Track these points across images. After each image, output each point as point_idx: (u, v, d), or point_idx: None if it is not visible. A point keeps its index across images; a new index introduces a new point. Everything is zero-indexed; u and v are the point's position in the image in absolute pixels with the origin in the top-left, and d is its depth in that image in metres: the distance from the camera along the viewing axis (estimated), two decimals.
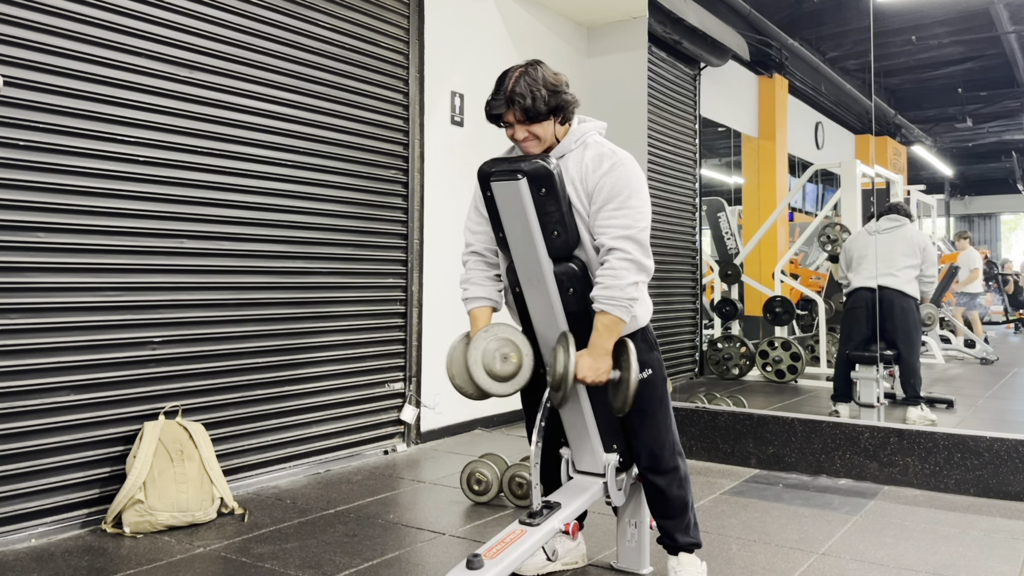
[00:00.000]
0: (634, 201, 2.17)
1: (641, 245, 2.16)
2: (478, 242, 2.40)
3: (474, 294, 2.38)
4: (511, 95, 2.15)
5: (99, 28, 3.04)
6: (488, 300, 2.38)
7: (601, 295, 2.15)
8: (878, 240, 4.57)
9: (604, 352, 2.18)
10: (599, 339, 2.17)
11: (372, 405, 4.22)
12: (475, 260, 2.42)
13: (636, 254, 2.14)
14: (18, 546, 2.79)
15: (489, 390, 2.25)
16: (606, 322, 2.16)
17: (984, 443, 3.47)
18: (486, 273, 2.40)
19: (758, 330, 6.34)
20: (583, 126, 2.29)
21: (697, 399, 4.66)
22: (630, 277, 2.14)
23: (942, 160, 7.38)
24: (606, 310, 2.15)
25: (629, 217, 2.15)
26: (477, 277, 2.40)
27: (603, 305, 2.15)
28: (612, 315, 2.15)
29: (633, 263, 2.14)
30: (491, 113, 2.21)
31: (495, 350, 2.24)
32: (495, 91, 2.19)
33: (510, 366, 2.25)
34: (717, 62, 6.26)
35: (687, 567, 2.40)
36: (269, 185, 3.67)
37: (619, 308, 2.15)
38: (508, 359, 2.25)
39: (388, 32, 4.32)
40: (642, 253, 2.16)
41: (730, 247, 6.85)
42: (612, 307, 2.14)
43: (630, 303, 2.15)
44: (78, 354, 3.00)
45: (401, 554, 2.74)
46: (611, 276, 2.14)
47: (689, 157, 6.26)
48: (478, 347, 2.24)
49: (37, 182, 2.88)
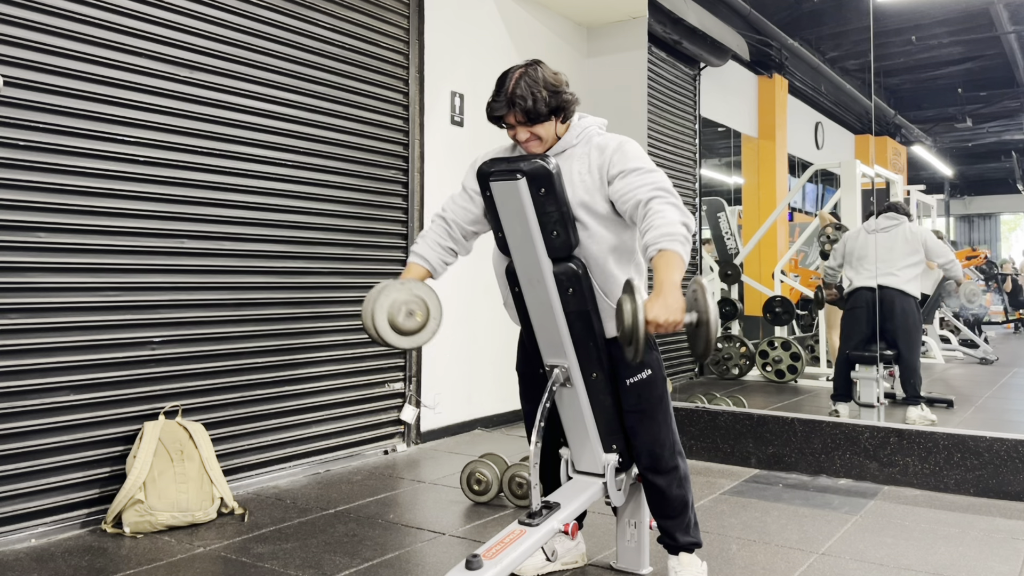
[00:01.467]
0: (654, 171, 2.17)
1: (677, 199, 2.11)
2: (451, 212, 2.42)
3: (418, 250, 2.39)
4: (512, 97, 2.15)
5: (99, 28, 3.04)
6: (426, 262, 2.38)
7: (655, 235, 2.02)
8: (878, 239, 4.57)
9: (675, 288, 1.95)
10: (667, 275, 1.96)
11: (372, 405, 4.22)
12: (439, 224, 2.43)
13: (677, 200, 2.11)
14: (18, 546, 2.79)
15: (386, 339, 2.21)
16: (669, 259, 1.98)
17: (984, 443, 3.47)
18: (441, 240, 2.40)
19: (758, 330, 6.34)
20: (583, 122, 2.30)
21: (697, 399, 4.66)
22: (679, 216, 2.06)
23: (942, 160, 7.38)
24: (664, 247, 1.99)
25: (655, 178, 2.15)
26: (431, 238, 2.41)
27: (661, 243, 2.00)
28: (672, 250, 1.99)
29: (675, 206, 2.08)
30: (492, 115, 2.21)
31: (403, 302, 2.21)
32: (495, 93, 2.19)
33: (412, 322, 2.22)
34: (717, 62, 6.26)
35: (687, 567, 2.40)
36: (269, 185, 3.67)
37: (678, 243, 2.00)
38: (413, 315, 2.22)
39: (388, 32, 4.32)
40: (681, 205, 2.11)
41: (730, 247, 6.85)
42: (671, 242, 2.00)
43: (686, 238, 2.02)
44: (78, 354, 3.00)
45: (401, 554, 2.74)
46: (659, 216, 2.04)
47: (689, 157, 6.26)
48: (388, 295, 2.21)
49: (37, 182, 2.88)
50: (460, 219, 2.40)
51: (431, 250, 2.39)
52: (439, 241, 2.41)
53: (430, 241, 2.40)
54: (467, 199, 2.40)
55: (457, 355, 4.71)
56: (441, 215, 2.43)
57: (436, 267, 2.40)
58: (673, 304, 1.92)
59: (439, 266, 2.40)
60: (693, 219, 2.13)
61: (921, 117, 7.00)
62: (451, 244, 2.42)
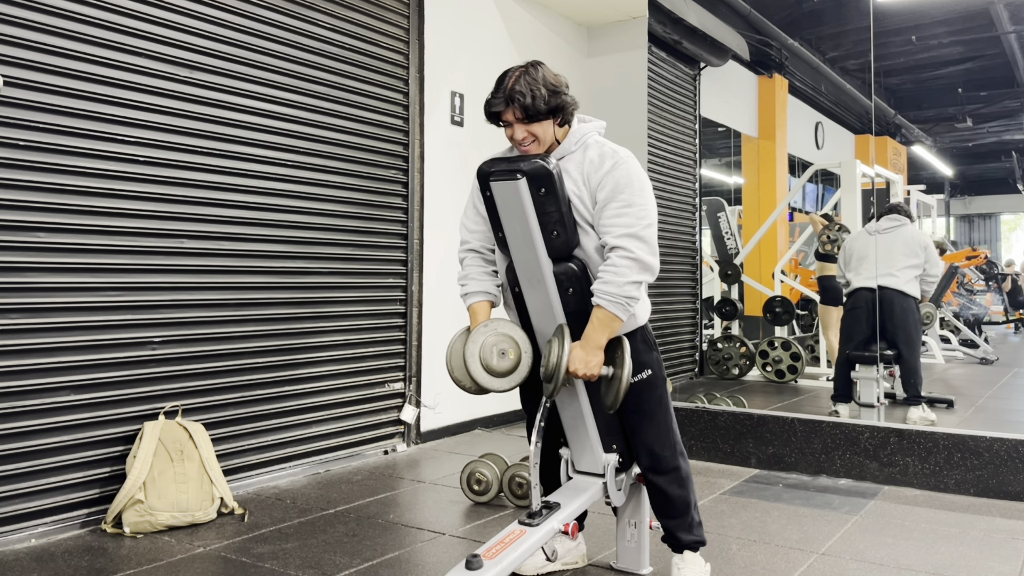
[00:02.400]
0: (638, 199, 2.17)
1: (646, 242, 2.15)
2: (475, 240, 2.40)
3: (473, 288, 2.38)
4: (511, 93, 2.15)
5: (99, 28, 3.04)
6: (487, 295, 2.38)
7: (599, 289, 2.15)
8: (878, 240, 4.57)
9: (596, 346, 2.17)
10: (593, 333, 2.17)
11: (372, 405, 4.22)
12: (472, 256, 2.42)
13: (639, 252, 2.14)
14: (18, 546, 2.79)
15: (486, 385, 2.24)
16: (601, 317, 2.16)
17: (984, 443, 3.47)
18: (484, 269, 2.40)
19: (758, 330, 6.34)
20: (583, 127, 2.29)
21: (697, 399, 4.66)
22: (631, 276, 2.13)
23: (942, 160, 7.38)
24: (602, 305, 2.15)
25: (632, 215, 2.15)
26: (475, 273, 2.39)
27: (600, 300, 2.15)
28: (608, 311, 2.15)
29: (636, 262, 2.14)
30: (490, 111, 2.21)
31: (493, 345, 2.23)
32: (495, 90, 2.20)
33: (507, 362, 2.24)
34: (717, 62, 6.26)
35: (690, 565, 2.40)
36: (269, 185, 3.67)
37: (616, 305, 2.14)
38: (506, 354, 2.24)
39: (388, 32, 4.32)
40: (647, 251, 2.15)
41: (730, 247, 6.85)
42: (608, 303, 2.14)
43: (628, 301, 2.15)
44: (78, 354, 3.00)
45: (401, 554, 2.74)
46: (612, 272, 2.14)
47: (689, 157, 6.26)
48: (476, 341, 2.23)
49: (37, 182, 2.88)
50: (484, 241, 2.40)
51: (482, 282, 2.38)
52: (483, 270, 2.40)
53: (477, 275, 2.39)
54: (478, 219, 2.39)
55: None
56: (468, 247, 2.41)
57: (495, 296, 2.40)
58: (592, 360, 2.17)
59: (496, 292, 2.40)
60: (656, 263, 2.18)
61: (921, 117, 7.00)
62: (492, 268, 2.41)
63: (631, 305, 2.16)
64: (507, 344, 2.25)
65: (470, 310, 2.37)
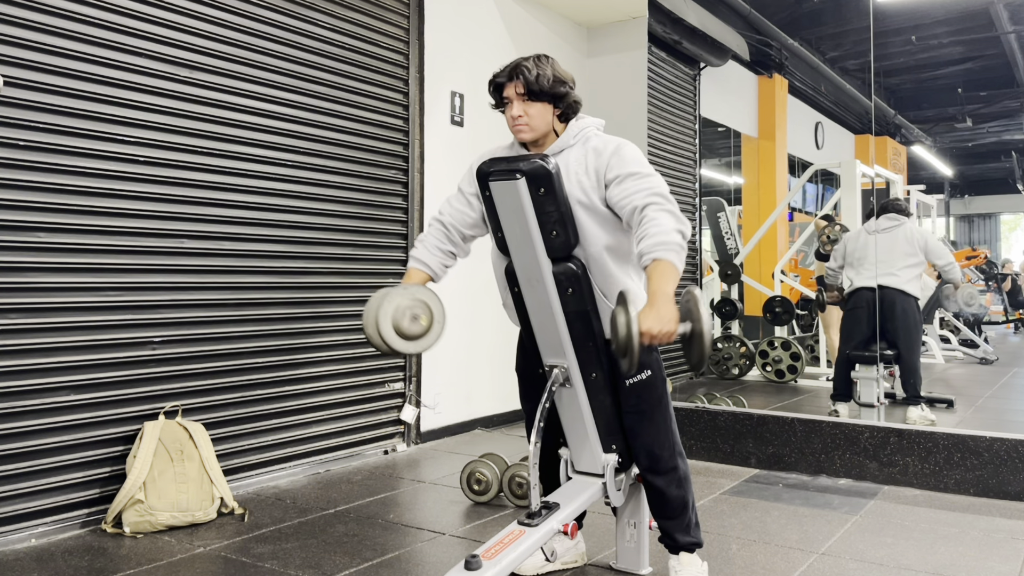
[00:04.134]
0: (651, 177, 2.16)
1: (672, 202, 2.10)
2: (449, 215, 2.42)
3: (417, 255, 2.39)
4: (518, 66, 2.20)
5: (99, 28, 3.04)
6: (426, 266, 2.38)
7: (651, 244, 2.01)
8: (878, 240, 4.57)
9: (668, 299, 1.95)
10: (660, 286, 1.96)
11: (372, 405, 4.22)
12: (436, 228, 2.43)
13: (672, 207, 2.09)
14: (18, 546, 2.79)
15: (392, 345, 2.20)
16: (661, 269, 1.99)
17: (984, 443, 3.47)
18: (440, 244, 2.41)
19: (758, 330, 6.34)
20: (581, 122, 2.30)
21: (697, 399, 4.66)
22: (674, 224, 2.05)
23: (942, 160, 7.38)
24: (659, 257, 2.00)
25: (653, 181, 2.14)
26: (429, 242, 2.41)
27: (655, 252, 2.00)
28: (667, 259, 2.00)
29: (671, 214, 2.07)
30: (494, 82, 2.24)
31: (407, 307, 2.21)
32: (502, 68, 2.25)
33: (417, 327, 2.22)
34: (717, 62, 6.26)
35: (687, 566, 2.40)
36: (269, 185, 3.67)
37: (672, 252, 2.00)
38: (417, 319, 2.22)
39: (388, 32, 4.32)
40: (677, 209, 2.10)
41: (730, 247, 6.86)
42: (665, 251, 2.00)
43: (680, 247, 2.02)
44: (78, 354, 3.00)
45: (401, 554, 2.74)
46: (654, 224, 2.04)
47: (689, 157, 6.26)
48: (392, 301, 2.20)
49: (37, 182, 2.88)
50: (458, 222, 2.40)
51: (431, 254, 2.39)
52: (438, 245, 2.41)
53: (429, 245, 2.40)
54: (464, 202, 2.41)
55: (457, 355, 4.71)
56: (439, 219, 2.44)
57: (436, 271, 2.40)
58: (666, 315, 1.93)
59: (439, 270, 2.40)
60: (690, 225, 2.11)
61: (921, 117, 7.00)
62: (450, 247, 2.42)
63: (683, 252, 2.05)
64: (420, 309, 2.22)
65: (407, 272, 2.39)
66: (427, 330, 2.24)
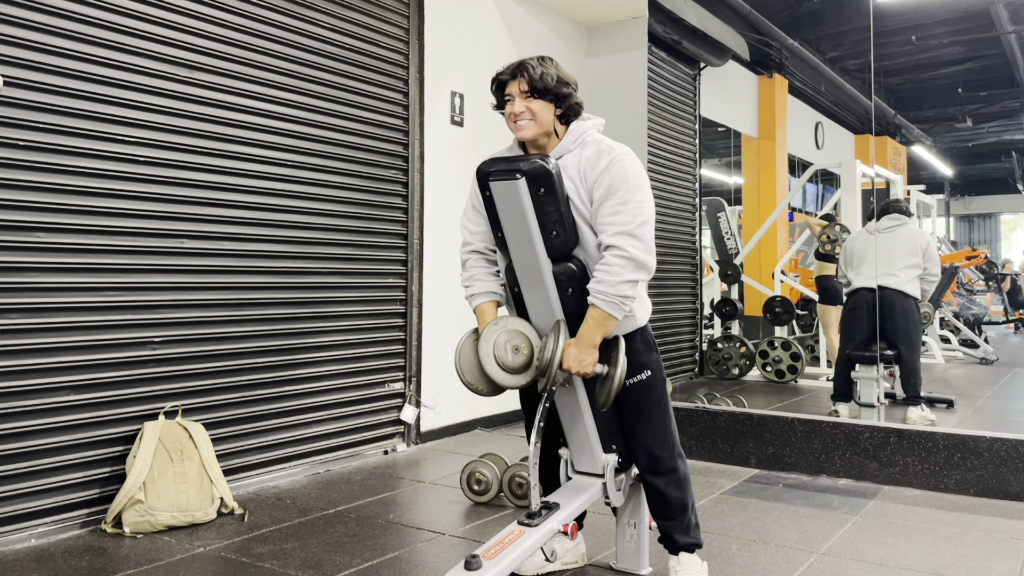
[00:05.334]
0: (634, 196, 2.17)
1: (641, 241, 2.15)
2: (477, 240, 2.41)
3: (478, 289, 2.38)
4: (522, 64, 2.22)
5: (99, 28, 3.04)
6: (493, 294, 2.38)
7: (594, 288, 2.16)
8: (878, 240, 4.57)
9: (590, 345, 2.18)
10: (587, 331, 2.18)
11: (372, 405, 4.22)
12: (476, 258, 2.42)
13: (634, 251, 2.14)
14: (18, 546, 2.79)
15: (502, 383, 2.25)
16: (596, 316, 2.17)
17: (984, 443, 3.47)
18: (487, 269, 2.40)
19: (758, 330, 6.34)
20: (581, 124, 2.30)
21: (697, 399, 4.66)
22: (625, 275, 2.14)
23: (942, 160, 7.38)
24: (596, 304, 2.16)
25: (628, 213, 2.15)
26: (479, 273, 2.40)
27: (594, 299, 2.16)
28: (602, 310, 2.16)
29: (630, 260, 2.14)
30: (497, 79, 2.26)
31: (505, 342, 2.25)
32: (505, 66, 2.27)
33: (521, 357, 2.25)
34: (717, 62, 6.26)
35: (687, 567, 2.40)
36: (269, 185, 3.67)
37: (609, 304, 2.15)
38: (519, 350, 2.25)
39: (388, 32, 4.32)
40: (642, 249, 2.15)
41: (730, 247, 6.86)
42: (602, 302, 2.15)
43: (622, 300, 2.15)
44: (78, 354, 3.00)
45: (401, 554, 2.74)
46: (606, 272, 2.15)
47: (689, 157, 6.26)
48: (489, 340, 2.24)
49: (37, 182, 2.88)
50: (486, 242, 2.40)
51: (487, 283, 2.38)
52: (486, 270, 2.40)
53: (480, 275, 2.40)
54: (479, 220, 2.40)
55: None
56: (471, 249, 2.42)
57: (501, 295, 2.40)
58: (586, 358, 2.19)
59: (501, 291, 2.40)
60: (651, 261, 2.17)
61: (921, 117, 7.00)
62: (494, 268, 2.42)
63: (626, 304, 2.17)
64: (519, 340, 2.26)
65: (477, 311, 2.37)
66: (531, 358, 2.26)
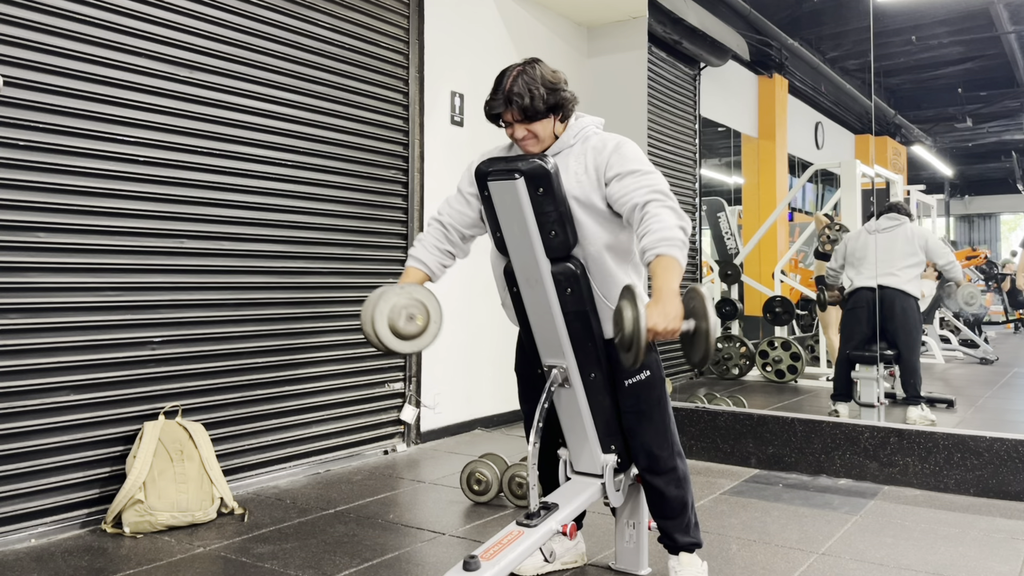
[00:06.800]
0: (651, 173, 2.16)
1: (672, 199, 2.10)
2: (448, 216, 2.41)
3: (415, 254, 2.39)
4: (509, 94, 2.15)
5: (99, 28, 3.05)
6: (424, 266, 2.37)
7: (654, 238, 2.01)
8: (878, 240, 4.57)
9: (674, 295, 1.95)
10: (665, 282, 1.96)
11: (372, 405, 4.22)
12: (435, 228, 2.43)
13: (672, 203, 2.09)
14: (18, 546, 2.79)
15: (388, 345, 2.19)
16: (665, 264, 1.98)
17: (984, 443, 3.47)
18: (438, 243, 2.40)
19: (758, 330, 6.34)
20: (580, 121, 2.29)
21: (697, 399, 4.66)
22: (675, 220, 2.05)
23: (942, 160, 7.38)
24: (662, 252, 1.99)
25: (653, 179, 2.13)
26: (428, 242, 2.40)
27: (659, 248, 2.00)
28: (670, 256, 2.00)
29: (672, 210, 2.07)
30: (490, 113, 2.21)
31: (403, 307, 2.20)
32: (493, 91, 2.20)
33: (413, 326, 2.21)
34: (717, 62, 6.26)
35: (687, 567, 2.40)
36: (269, 185, 3.67)
37: (675, 248, 2.00)
38: (413, 319, 2.21)
39: (388, 32, 4.32)
40: (677, 205, 2.10)
41: (730, 247, 6.85)
42: (668, 247, 1.99)
43: (683, 243, 2.02)
44: (78, 354, 3.00)
45: (401, 554, 2.74)
46: (656, 220, 2.03)
47: (689, 157, 6.26)
48: (388, 300, 2.19)
49: (37, 182, 2.88)
50: (457, 222, 2.40)
51: (429, 254, 2.39)
52: (437, 245, 2.40)
53: (428, 245, 2.40)
54: (463, 202, 2.40)
55: (457, 355, 4.71)
56: (438, 219, 2.43)
57: (435, 271, 2.39)
58: (672, 312, 1.93)
59: (437, 270, 2.40)
60: (690, 222, 2.12)
61: (921, 117, 7.00)
62: (448, 247, 2.41)
63: (686, 247, 2.05)
64: (417, 309, 2.22)
65: (404, 271, 2.38)
66: (423, 330, 2.23)
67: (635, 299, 1.93)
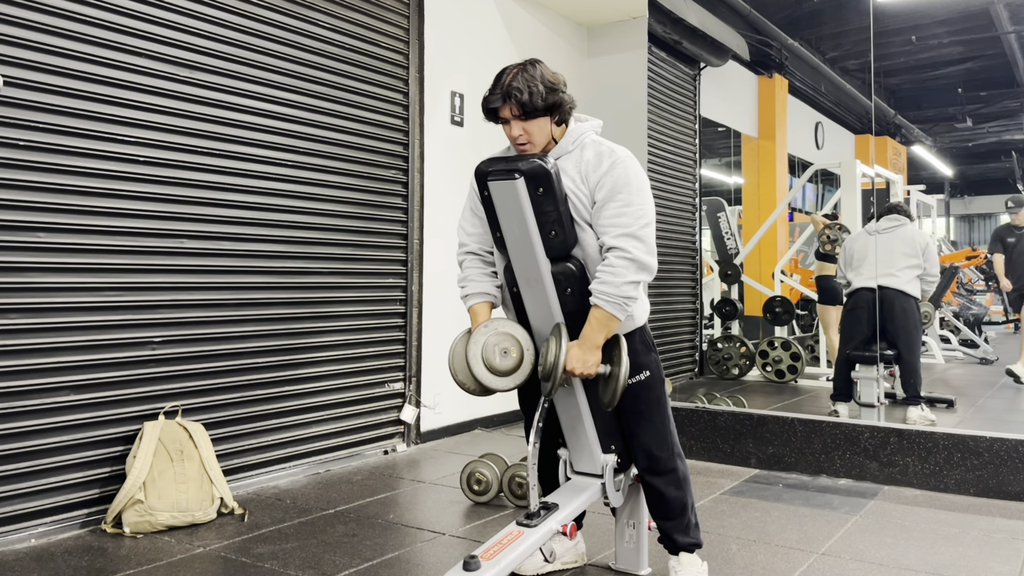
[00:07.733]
0: (635, 199, 2.17)
1: (643, 242, 2.16)
2: (473, 242, 2.41)
3: (472, 290, 2.38)
4: (508, 89, 2.16)
5: (99, 28, 3.04)
6: (487, 295, 2.38)
7: (597, 289, 2.16)
8: (878, 240, 4.57)
9: (594, 346, 2.18)
10: (590, 332, 2.18)
11: (372, 405, 4.22)
12: (471, 259, 2.42)
13: (637, 252, 2.14)
14: (18, 546, 2.79)
15: (489, 385, 2.24)
16: (599, 316, 2.17)
17: (984, 443, 3.47)
18: (483, 270, 2.40)
19: (758, 330, 6.34)
20: (580, 126, 2.29)
21: (697, 399, 4.66)
22: (628, 276, 2.14)
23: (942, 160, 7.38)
24: (600, 305, 2.16)
25: (631, 215, 2.16)
26: (474, 274, 2.39)
27: (597, 300, 2.16)
28: (605, 311, 2.16)
29: (633, 262, 2.14)
30: (488, 107, 2.21)
31: (495, 344, 2.23)
32: (492, 86, 2.20)
33: (510, 360, 2.24)
34: (717, 62, 6.26)
35: (687, 567, 2.40)
36: (269, 185, 3.67)
37: (613, 305, 2.15)
38: (508, 353, 2.24)
39: (388, 32, 4.32)
40: (644, 251, 2.16)
41: (730, 247, 6.86)
42: (606, 303, 2.15)
43: (625, 301, 2.16)
44: (78, 354, 3.00)
45: (401, 554, 2.74)
46: (609, 273, 2.15)
47: (689, 157, 6.26)
48: (478, 342, 2.23)
49: (37, 182, 2.88)
50: (482, 243, 2.40)
51: (481, 284, 2.38)
52: (482, 271, 2.40)
53: (475, 276, 2.39)
54: (476, 221, 2.40)
55: None
56: (467, 250, 2.42)
57: (496, 296, 2.39)
58: (590, 360, 2.19)
59: (496, 293, 2.40)
60: (654, 262, 2.19)
61: (921, 117, 7.00)
62: (491, 270, 2.41)
63: (628, 305, 2.17)
64: (509, 343, 2.25)
65: (470, 311, 2.37)
66: (520, 362, 2.25)
67: (560, 338, 2.17)
